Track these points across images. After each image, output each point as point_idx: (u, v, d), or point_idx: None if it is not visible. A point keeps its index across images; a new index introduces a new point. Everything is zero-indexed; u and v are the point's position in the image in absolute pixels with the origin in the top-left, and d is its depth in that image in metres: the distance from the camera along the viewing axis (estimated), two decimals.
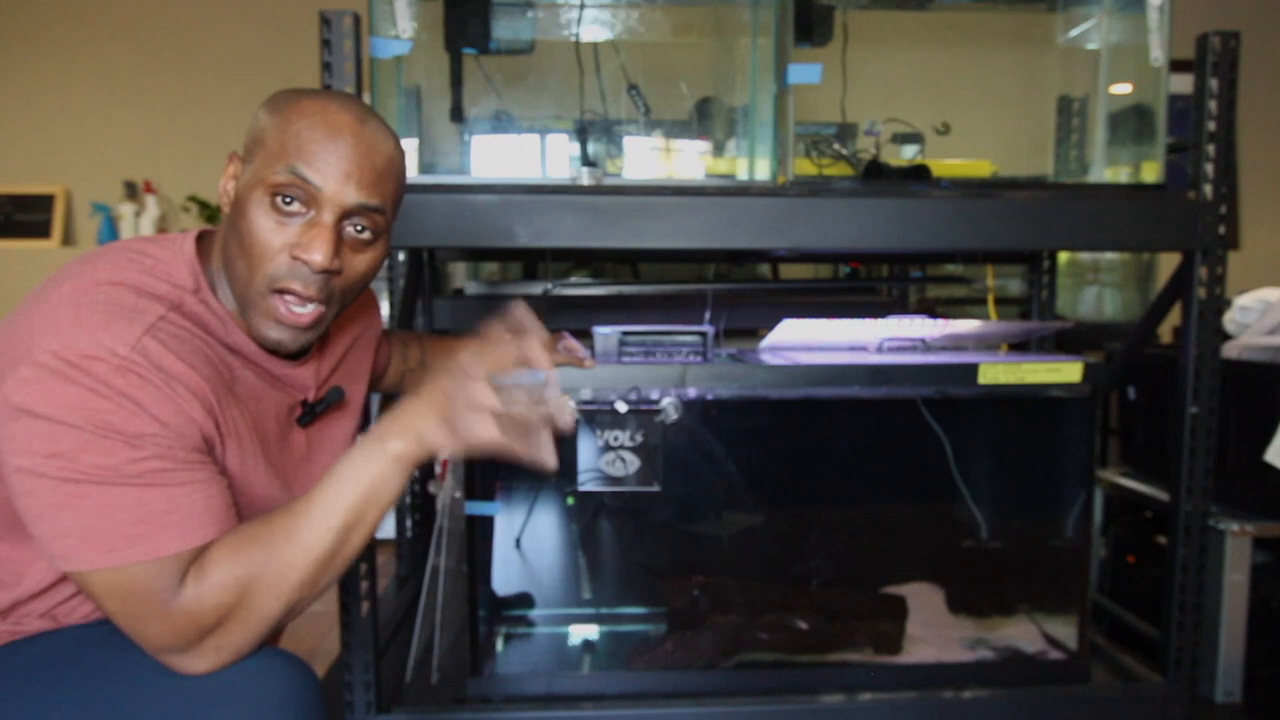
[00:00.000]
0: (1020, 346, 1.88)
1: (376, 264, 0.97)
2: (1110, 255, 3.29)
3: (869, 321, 1.57)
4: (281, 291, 0.90)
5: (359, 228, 0.92)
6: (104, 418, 0.78)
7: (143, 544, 0.80)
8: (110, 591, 0.81)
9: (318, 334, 0.96)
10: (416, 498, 2.23)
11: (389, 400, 1.61)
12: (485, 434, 0.86)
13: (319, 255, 0.88)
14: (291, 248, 0.89)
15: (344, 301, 0.96)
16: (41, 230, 3.45)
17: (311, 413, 1.03)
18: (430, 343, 1.41)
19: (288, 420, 1.01)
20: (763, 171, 1.67)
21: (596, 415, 1.42)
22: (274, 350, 0.96)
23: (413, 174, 1.63)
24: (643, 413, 1.43)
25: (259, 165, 0.89)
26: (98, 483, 0.78)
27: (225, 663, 0.84)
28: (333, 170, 0.88)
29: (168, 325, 0.85)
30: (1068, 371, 1.48)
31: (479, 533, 1.47)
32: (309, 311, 0.92)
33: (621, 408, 1.40)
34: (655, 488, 1.45)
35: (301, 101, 0.91)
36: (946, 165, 1.72)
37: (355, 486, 0.87)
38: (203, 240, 0.95)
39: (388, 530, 2.16)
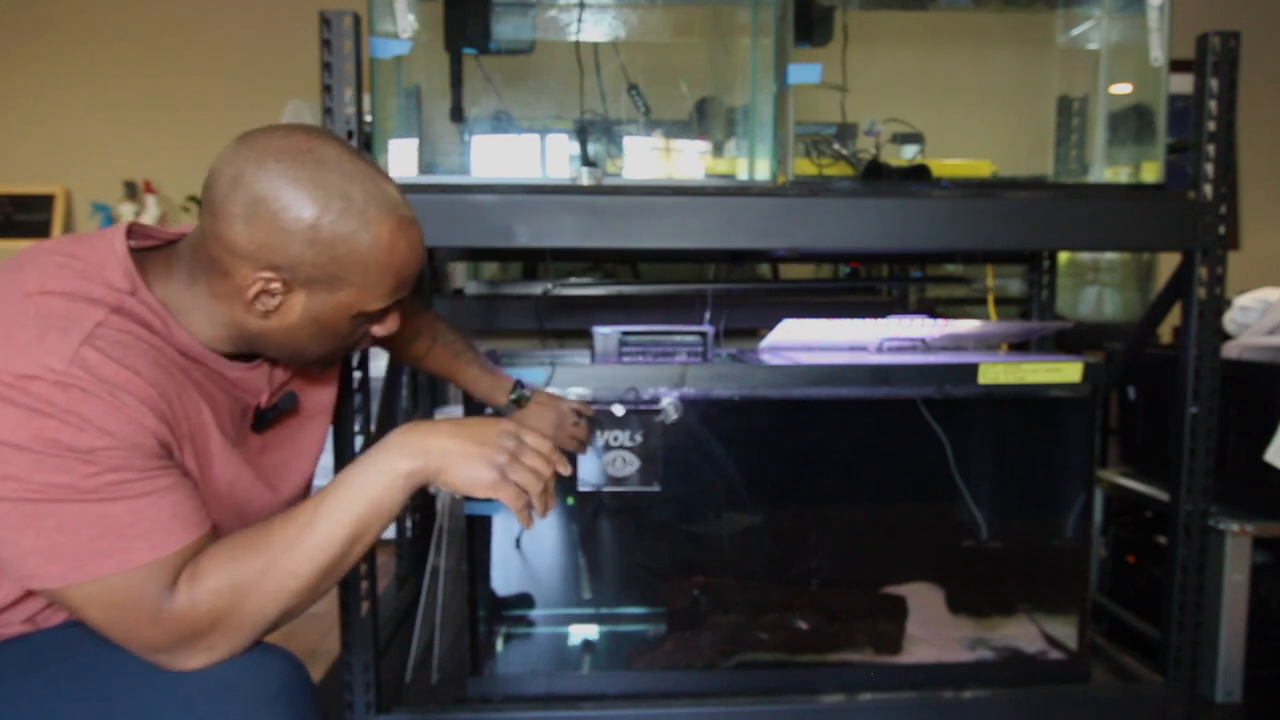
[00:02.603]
0: (1020, 346, 1.88)
1: None
2: (1110, 255, 3.28)
3: (869, 321, 1.57)
4: None
5: None
6: (50, 435, 0.75)
7: (112, 557, 0.78)
8: (90, 602, 0.79)
9: None
10: (417, 498, 2.23)
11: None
12: (535, 490, 0.90)
13: (390, 332, 0.97)
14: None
15: None
16: (41, 230, 3.45)
17: (264, 419, 1.00)
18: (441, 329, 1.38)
19: (242, 424, 0.99)
20: (763, 171, 1.66)
21: (596, 416, 1.42)
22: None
23: (413, 174, 1.63)
24: (643, 413, 1.43)
25: (349, 297, 0.88)
26: (55, 500, 0.76)
27: (218, 660, 0.84)
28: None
29: (108, 331, 0.81)
30: (1068, 371, 1.48)
31: (479, 533, 1.47)
32: None
33: (619, 411, 1.40)
34: (655, 488, 1.45)
35: (385, 235, 0.87)
36: (946, 165, 1.71)
37: (362, 500, 0.86)
38: (132, 235, 0.89)
39: (388, 530, 2.15)
